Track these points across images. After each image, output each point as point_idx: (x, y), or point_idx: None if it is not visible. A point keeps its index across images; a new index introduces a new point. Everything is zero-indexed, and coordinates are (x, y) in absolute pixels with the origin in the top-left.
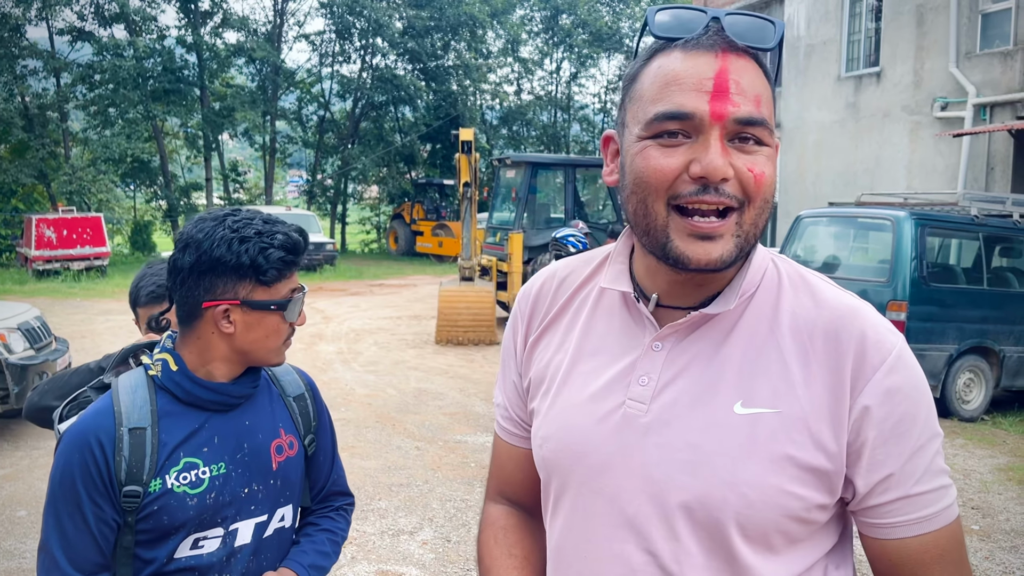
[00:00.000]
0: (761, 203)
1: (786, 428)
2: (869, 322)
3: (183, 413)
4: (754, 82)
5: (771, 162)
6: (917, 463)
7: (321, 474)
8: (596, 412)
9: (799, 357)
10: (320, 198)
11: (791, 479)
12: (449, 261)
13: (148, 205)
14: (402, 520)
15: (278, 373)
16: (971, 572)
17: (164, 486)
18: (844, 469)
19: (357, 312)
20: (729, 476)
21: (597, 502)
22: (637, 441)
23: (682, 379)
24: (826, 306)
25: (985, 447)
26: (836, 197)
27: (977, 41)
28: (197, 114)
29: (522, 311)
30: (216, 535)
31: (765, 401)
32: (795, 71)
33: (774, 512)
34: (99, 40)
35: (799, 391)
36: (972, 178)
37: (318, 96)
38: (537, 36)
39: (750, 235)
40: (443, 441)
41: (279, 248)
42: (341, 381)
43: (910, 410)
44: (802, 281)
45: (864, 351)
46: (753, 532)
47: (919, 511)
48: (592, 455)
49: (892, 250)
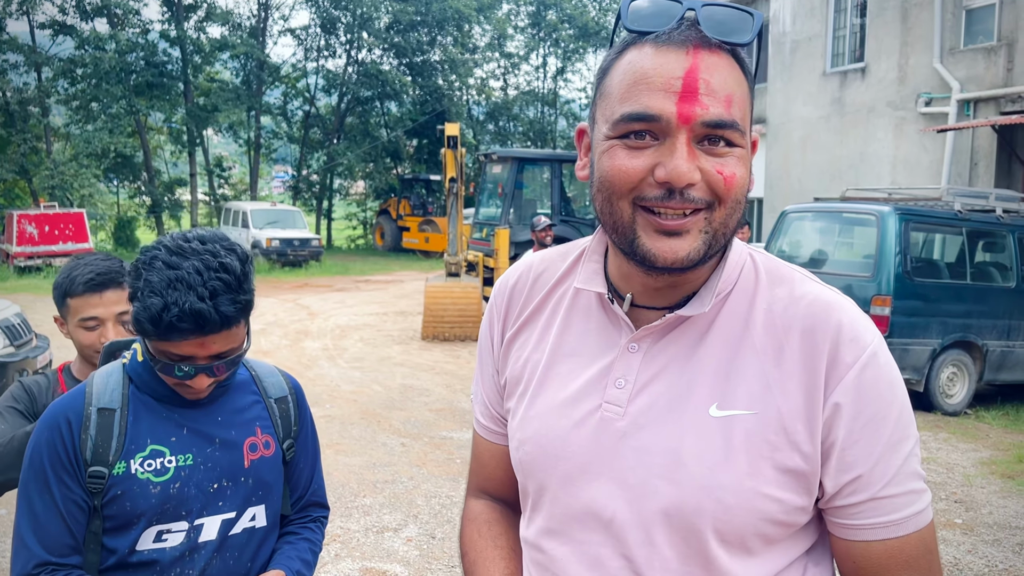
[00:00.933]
0: (732, 204)
1: (762, 430)
2: (846, 317)
3: (154, 405)
4: (726, 81)
5: (743, 163)
6: (888, 465)
7: (300, 482)
8: (573, 415)
9: (774, 355)
10: (306, 194)
11: (768, 482)
12: (435, 257)
13: (131, 201)
14: (387, 517)
15: (262, 374)
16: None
17: (128, 470)
18: (819, 469)
19: (343, 308)
20: (705, 481)
21: (574, 506)
22: (613, 445)
23: (658, 382)
24: (803, 301)
25: (968, 441)
26: (821, 192)
27: (961, 37)
28: (181, 109)
29: (498, 306)
30: (180, 529)
31: (741, 403)
32: (780, 67)
33: (752, 516)
34: (81, 34)
35: (775, 391)
36: (956, 173)
37: (303, 91)
38: (523, 31)
39: (719, 233)
40: (428, 437)
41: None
42: (326, 377)
43: (882, 409)
44: (779, 276)
45: (838, 347)
46: (731, 536)
47: (887, 515)
48: (569, 459)
49: (876, 245)
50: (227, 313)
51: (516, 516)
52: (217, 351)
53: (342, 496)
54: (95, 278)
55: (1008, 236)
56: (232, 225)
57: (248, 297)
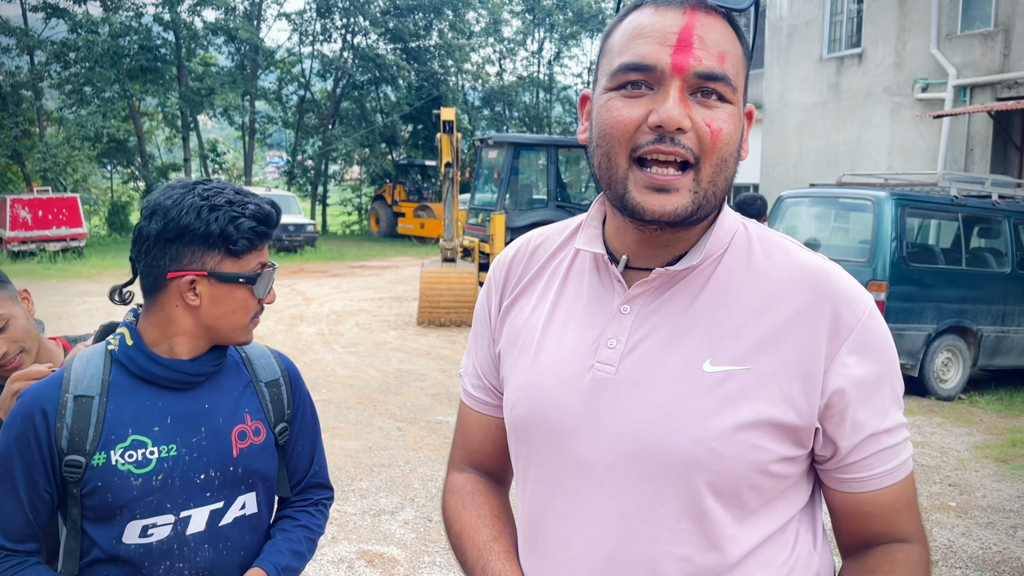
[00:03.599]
0: (718, 160)
1: (756, 385)
2: (842, 282)
3: (136, 389)
4: (720, 39)
5: (732, 119)
6: (891, 418)
7: (299, 465)
8: (565, 376)
9: (770, 315)
10: (300, 179)
11: (760, 434)
12: (431, 242)
13: (125, 186)
14: (383, 500)
15: (252, 356)
16: None
17: (108, 462)
18: (814, 425)
19: (338, 294)
20: (699, 433)
21: (567, 465)
22: (606, 403)
23: (650, 339)
24: (798, 266)
25: (962, 425)
26: (818, 178)
27: (958, 22)
28: (175, 93)
29: (496, 278)
30: (166, 522)
31: (735, 359)
32: (777, 52)
33: (745, 467)
34: (74, 17)
35: (769, 348)
36: (952, 159)
37: (298, 76)
38: (519, 16)
39: (708, 193)
40: (425, 422)
41: (250, 218)
42: (322, 363)
43: (884, 368)
44: (773, 243)
45: (838, 311)
46: (725, 489)
47: (890, 462)
48: (561, 419)
49: (872, 230)
50: (279, 211)
51: (501, 488)
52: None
53: (339, 480)
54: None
55: (1003, 222)
56: None
57: None
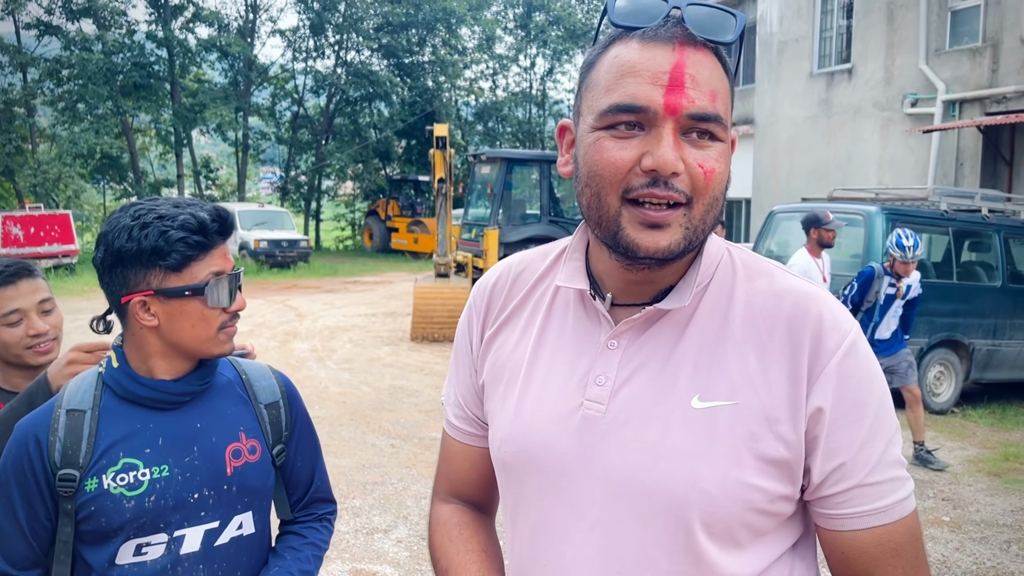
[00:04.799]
0: (710, 199)
1: (745, 420)
2: (826, 308)
3: (126, 411)
4: (711, 77)
5: (723, 158)
6: (871, 452)
7: (300, 484)
8: (555, 414)
9: (756, 346)
10: (294, 195)
11: (753, 471)
12: (425, 258)
13: (118, 202)
14: (376, 518)
15: (252, 377)
16: (928, 570)
17: (100, 486)
18: (803, 458)
19: (331, 309)
20: (690, 473)
21: (558, 506)
22: (596, 443)
23: (639, 377)
24: (782, 293)
25: (955, 439)
26: (809, 192)
27: (946, 38)
28: (168, 110)
29: (477, 306)
30: (160, 541)
31: (723, 394)
32: (768, 68)
33: (737, 506)
34: (67, 34)
35: (756, 381)
36: (942, 173)
37: (292, 92)
38: (511, 32)
39: (699, 229)
40: (418, 439)
41: (180, 228)
42: (315, 379)
43: (863, 396)
44: (757, 270)
45: (820, 337)
46: (717, 528)
47: (873, 502)
48: (552, 458)
49: (864, 245)
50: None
51: (487, 519)
52: (233, 266)
53: None
54: (4, 271)
55: (994, 236)
56: None
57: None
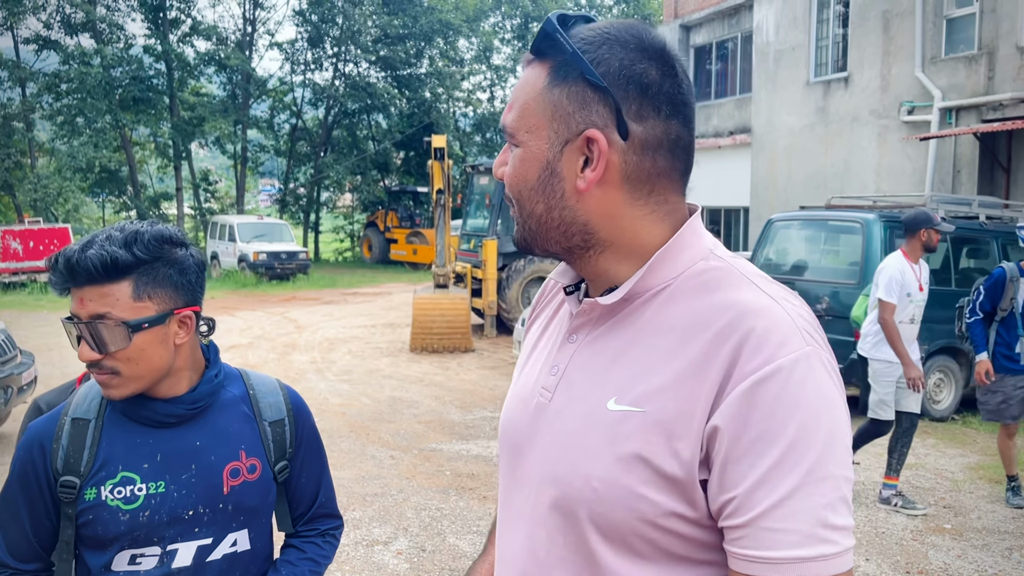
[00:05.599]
0: (516, 199)
1: (646, 429)
2: (761, 325)
3: (128, 426)
4: (517, 87)
5: (521, 163)
6: (771, 492)
7: (304, 499)
8: (523, 398)
9: (683, 358)
10: (293, 207)
11: (642, 481)
12: (423, 269)
13: (117, 216)
14: (376, 530)
15: (260, 393)
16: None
17: (98, 497)
18: (696, 479)
19: (331, 321)
20: (584, 470)
21: (512, 484)
22: (539, 429)
23: (580, 371)
24: (725, 306)
25: (956, 446)
26: (807, 201)
27: (942, 46)
28: (166, 123)
29: (534, 301)
30: (153, 554)
31: (635, 400)
32: (765, 77)
33: (625, 513)
34: (65, 49)
35: (668, 393)
36: (939, 180)
37: (290, 104)
38: (508, 43)
39: (527, 226)
40: (418, 450)
41: (57, 262)
42: (315, 390)
43: (772, 430)
44: (720, 282)
45: (739, 356)
46: (609, 532)
47: (762, 550)
48: (512, 439)
49: (862, 252)
50: (93, 260)
51: None
52: (92, 311)
53: None
54: None
55: (991, 242)
56: (219, 239)
57: (130, 256)
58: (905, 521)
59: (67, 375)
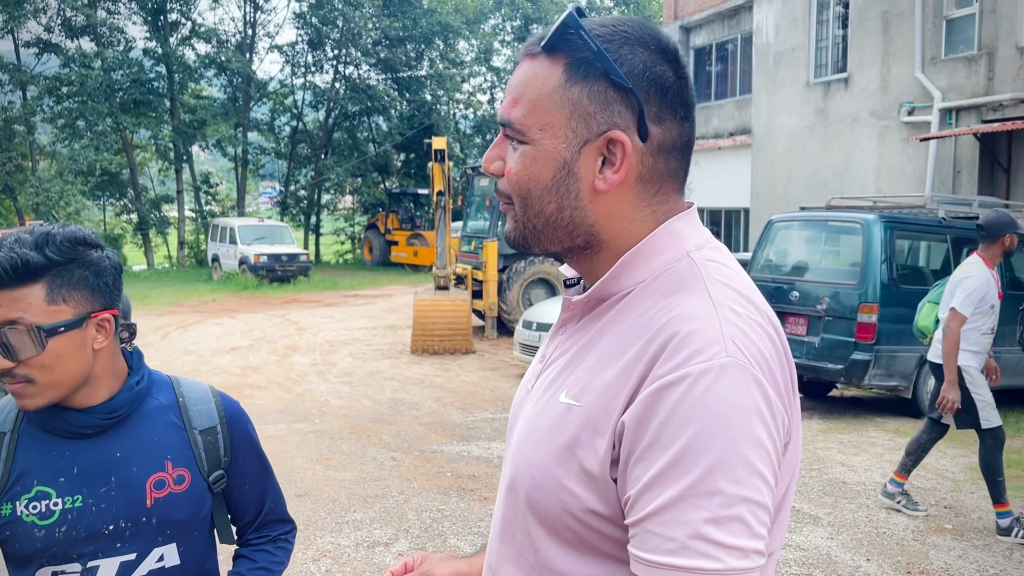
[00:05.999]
0: (519, 197)
1: (581, 424)
2: (686, 330)
3: (42, 436)
4: (520, 82)
5: (524, 158)
6: (655, 497)
7: (249, 508)
8: (523, 388)
9: (620, 358)
10: (293, 209)
11: (570, 474)
12: (424, 271)
13: (118, 218)
14: (377, 532)
15: (190, 401)
16: None
17: (14, 512)
18: (609, 476)
19: (331, 323)
20: (528, 456)
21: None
22: (520, 415)
23: (557, 362)
24: (668, 310)
25: (957, 447)
26: (807, 201)
27: (942, 46)
28: (167, 126)
29: None
30: (74, 570)
31: (577, 395)
32: (765, 78)
33: (554, 503)
34: (66, 52)
35: (604, 390)
36: (939, 181)
37: (291, 107)
38: (509, 45)
39: (526, 224)
40: (419, 451)
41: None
42: (315, 392)
43: (665, 437)
44: (684, 284)
45: (658, 357)
46: (543, 519)
47: (644, 551)
48: (510, 426)
49: (862, 253)
50: (1, 263)
51: None
52: (2, 316)
53: (332, 511)
54: None
55: None
56: (220, 241)
57: (42, 258)
58: (906, 521)
59: None
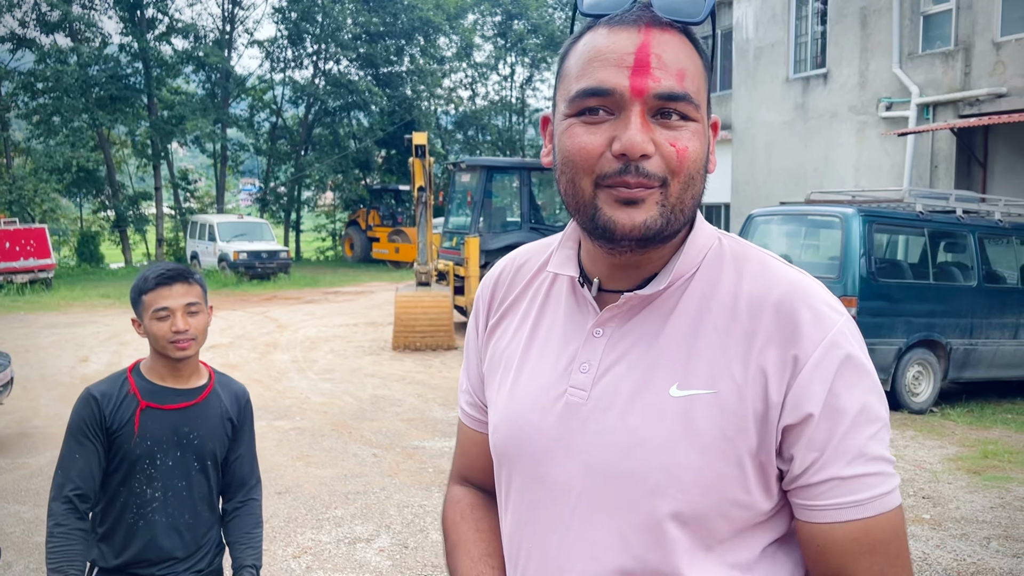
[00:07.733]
0: (685, 178)
1: (721, 408)
2: (814, 298)
3: None
4: (678, 56)
5: (697, 137)
6: (850, 444)
7: None
8: (541, 400)
9: (737, 335)
10: (273, 206)
11: (728, 461)
12: (406, 267)
13: (95, 216)
14: (359, 528)
15: None
16: (910, 569)
17: None
18: (774, 450)
19: (312, 320)
20: (664, 460)
21: (542, 491)
22: (578, 429)
23: (621, 364)
24: (768, 282)
25: (935, 438)
26: (787, 196)
27: (919, 42)
28: (145, 122)
29: (483, 297)
30: None
31: (701, 382)
32: (744, 73)
33: (713, 497)
34: (41, 47)
35: (735, 370)
36: (917, 175)
37: (270, 103)
38: (490, 41)
39: (676, 208)
40: (401, 447)
41: None
42: (296, 390)
43: (843, 393)
44: (747, 258)
45: (803, 327)
46: (691, 520)
47: (849, 495)
48: (535, 443)
49: (841, 247)
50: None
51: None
52: None
53: (313, 508)
54: (165, 272)
55: (969, 236)
56: (199, 238)
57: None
58: None
59: (44, 376)
